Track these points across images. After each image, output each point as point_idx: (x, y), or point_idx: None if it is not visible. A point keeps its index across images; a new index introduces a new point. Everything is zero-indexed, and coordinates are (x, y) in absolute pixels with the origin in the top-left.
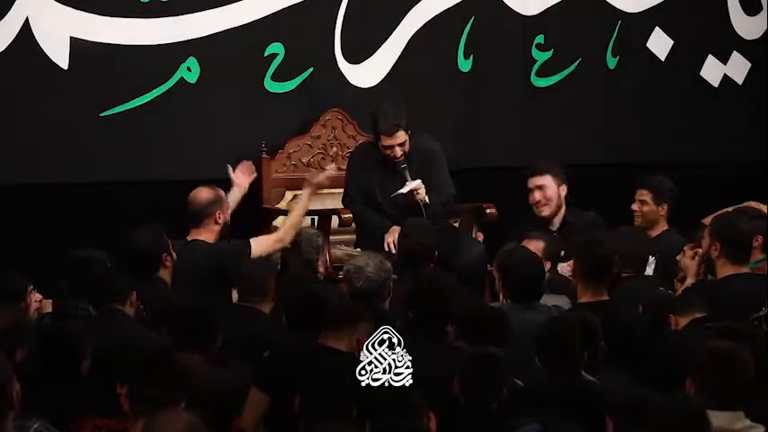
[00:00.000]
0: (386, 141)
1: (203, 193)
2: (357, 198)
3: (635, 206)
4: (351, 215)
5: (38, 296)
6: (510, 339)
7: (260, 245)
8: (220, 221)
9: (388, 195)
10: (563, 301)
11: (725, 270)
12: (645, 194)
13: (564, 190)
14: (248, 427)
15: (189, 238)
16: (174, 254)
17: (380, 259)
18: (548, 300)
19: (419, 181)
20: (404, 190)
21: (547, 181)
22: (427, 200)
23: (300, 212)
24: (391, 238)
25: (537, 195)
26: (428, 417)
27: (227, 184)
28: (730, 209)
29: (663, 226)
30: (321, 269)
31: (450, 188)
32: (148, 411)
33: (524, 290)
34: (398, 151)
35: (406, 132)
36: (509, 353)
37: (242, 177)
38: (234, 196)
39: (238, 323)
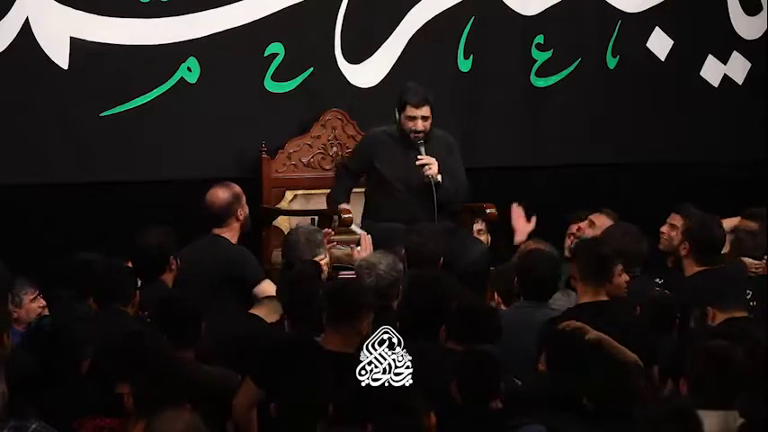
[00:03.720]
0: (411, 112)
1: (221, 194)
2: (349, 172)
3: (664, 228)
4: (350, 215)
5: (41, 302)
6: (500, 338)
7: (267, 288)
8: (241, 218)
9: (401, 177)
10: (572, 298)
11: (692, 268)
12: (678, 220)
13: None
14: (238, 416)
15: (213, 233)
16: (178, 260)
17: (393, 259)
18: (557, 297)
19: (433, 159)
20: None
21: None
22: (439, 179)
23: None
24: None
25: None
26: (429, 417)
27: None
28: (736, 219)
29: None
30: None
31: (464, 178)
32: (152, 412)
33: (538, 289)
34: (420, 124)
35: (431, 111)
36: (513, 352)
37: None
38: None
39: (240, 327)
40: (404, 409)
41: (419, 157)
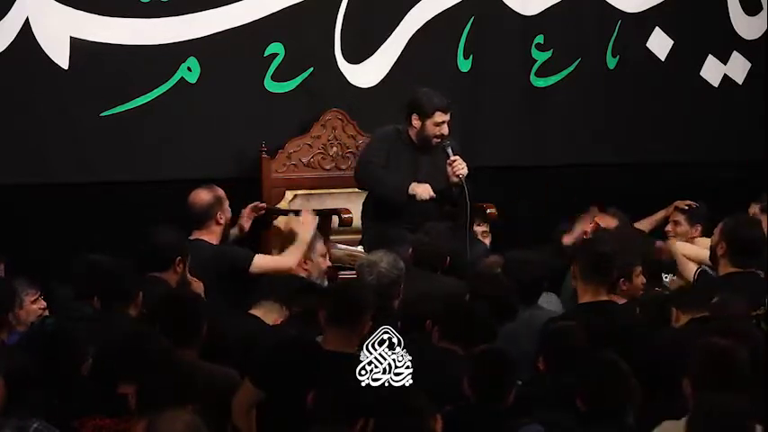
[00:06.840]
0: (441, 117)
1: (202, 196)
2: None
3: (669, 227)
4: (350, 215)
5: (42, 303)
6: (495, 339)
7: (262, 262)
8: (222, 221)
9: (407, 180)
10: (552, 298)
11: (725, 269)
12: (679, 217)
13: None
14: (237, 417)
15: (192, 238)
16: (185, 263)
17: (394, 257)
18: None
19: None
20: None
21: None
22: (464, 182)
23: (304, 241)
24: (420, 189)
25: None
26: (434, 418)
27: (226, 184)
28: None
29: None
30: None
31: None
32: (153, 412)
33: (525, 291)
34: (446, 129)
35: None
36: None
37: (246, 222)
38: (233, 233)
39: (235, 326)
40: (404, 409)
41: (452, 157)
